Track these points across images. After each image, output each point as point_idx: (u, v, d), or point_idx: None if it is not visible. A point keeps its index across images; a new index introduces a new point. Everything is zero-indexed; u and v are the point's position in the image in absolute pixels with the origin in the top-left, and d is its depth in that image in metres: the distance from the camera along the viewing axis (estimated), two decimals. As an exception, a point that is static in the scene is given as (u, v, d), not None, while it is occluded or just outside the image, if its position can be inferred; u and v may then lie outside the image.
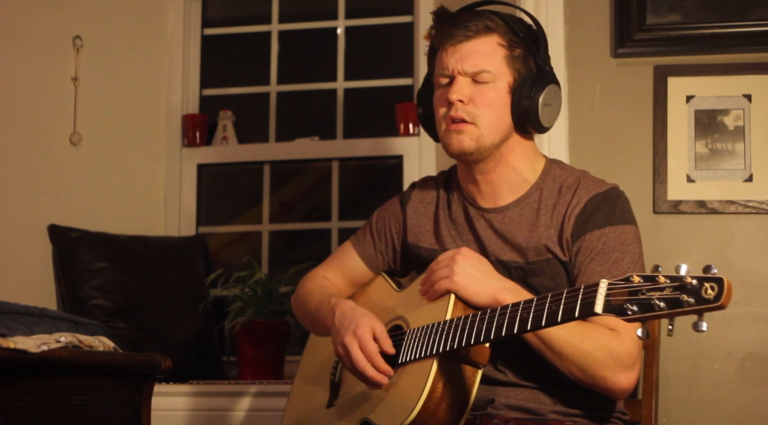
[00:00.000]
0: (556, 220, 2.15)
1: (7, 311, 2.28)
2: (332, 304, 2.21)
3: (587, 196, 2.14)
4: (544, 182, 2.20)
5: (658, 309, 1.63)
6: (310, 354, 2.46)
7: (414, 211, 2.33)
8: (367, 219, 2.44)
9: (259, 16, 3.92)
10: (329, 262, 2.46)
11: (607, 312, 1.69)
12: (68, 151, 3.52)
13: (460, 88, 2.13)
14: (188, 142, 3.81)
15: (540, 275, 2.14)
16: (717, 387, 2.74)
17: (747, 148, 2.80)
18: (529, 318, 1.86)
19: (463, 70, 2.13)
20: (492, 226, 2.20)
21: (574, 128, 2.86)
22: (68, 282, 3.35)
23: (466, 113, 2.13)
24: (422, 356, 2.03)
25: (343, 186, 3.78)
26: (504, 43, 2.14)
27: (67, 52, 3.53)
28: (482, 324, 1.95)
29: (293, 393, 2.44)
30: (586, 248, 2.11)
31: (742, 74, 2.81)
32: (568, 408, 2.13)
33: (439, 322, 2.04)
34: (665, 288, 1.63)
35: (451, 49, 2.14)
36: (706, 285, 1.59)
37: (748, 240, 2.79)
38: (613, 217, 2.14)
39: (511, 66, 2.15)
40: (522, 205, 2.19)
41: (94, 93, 3.58)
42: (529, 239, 2.15)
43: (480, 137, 2.13)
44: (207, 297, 3.50)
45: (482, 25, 2.13)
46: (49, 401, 2.21)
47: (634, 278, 1.67)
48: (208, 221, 3.86)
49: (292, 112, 3.88)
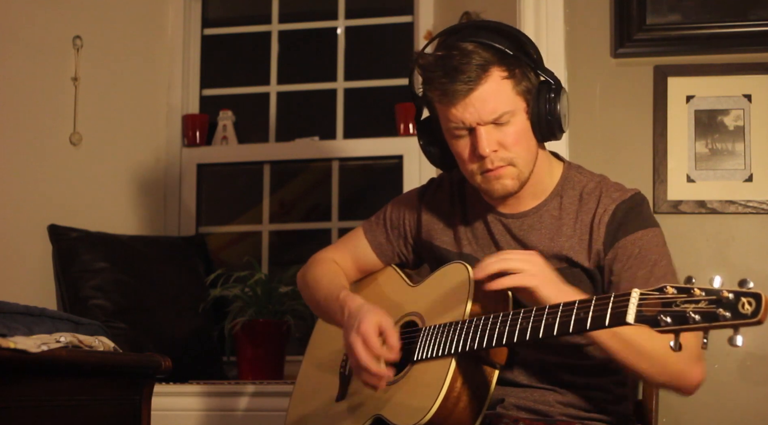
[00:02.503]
0: (581, 230, 2.12)
1: (7, 311, 2.28)
2: (341, 300, 2.19)
3: (614, 203, 2.12)
4: (564, 189, 2.17)
5: (693, 322, 1.61)
6: (318, 343, 2.44)
7: (430, 208, 2.31)
8: (382, 208, 2.40)
9: (259, 16, 3.92)
10: (339, 246, 2.43)
11: (640, 322, 1.68)
12: (68, 151, 3.52)
13: (487, 141, 2.05)
14: (188, 142, 3.81)
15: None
16: (717, 387, 2.74)
17: (747, 148, 2.80)
18: (555, 324, 1.84)
19: (483, 120, 2.05)
20: (510, 232, 2.18)
21: (574, 128, 2.86)
22: (68, 282, 3.35)
23: (501, 160, 2.08)
24: (440, 354, 2.02)
25: (343, 186, 3.79)
26: (505, 73, 2.06)
27: (67, 52, 3.53)
28: (504, 327, 1.93)
29: (300, 384, 2.42)
30: (623, 254, 2.08)
31: (742, 74, 2.81)
32: (578, 411, 2.12)
33: (458, 321, 2.03)
34: (700, 301, 1.62)
35: (461, 105, 2.05)
36: (744, 299, 1.58)
37: (748, 240, 2.79)
38: (643, 221, 2.12)
39: (521, 92, 2.09)
40: (541, 212, 2.17)
41: (94, 93, 3.58)
42: (550, 247, 2.13)
43: (520, 174, 2.10)
44: (207, 297, 3.50)
45: (477, 67, 2.03)
46: (49, 401, 2.21)
47: (668, 289, 1.66)
48: (208, 221, 3.87)
49: (292, 112, 3.89)
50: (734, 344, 1.59)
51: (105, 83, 3.62)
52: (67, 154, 3.52)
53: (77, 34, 3.55)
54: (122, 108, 3.68)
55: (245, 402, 3.19)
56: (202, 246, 3.72)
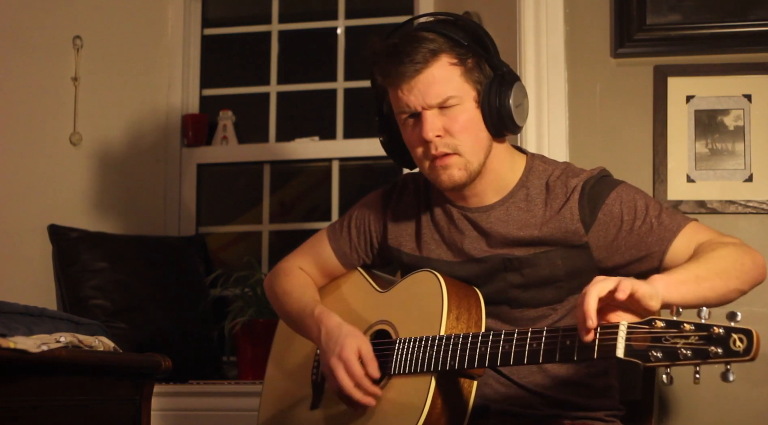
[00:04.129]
0: (552, 214, 2.10)
1: (7, 311, 2.28)
2: (317, 317, 2.17)
3: (581, 181, 2.11)
4: (529, 179, 2.16)
5: (684, 358, 1.62)
6: (284, 344, 2.41)
7: (396, 213, 2.28)
8: (346, 212, 2.39)
9: (259, 16, 3.92)
10: (304, 251, 2.40)
11: (629, 357, 1.67)
12: (68, 151, 3.52)
13: (431, 124, 2.04)
14: (188, 142, 3.81)
15: (535, 266, 2.10)
16: (717, 387, 2.73)
17: (747, 148, 2.80)
18: (540, 351, 1.83)
19: (427, 103, 2.04)
20: (477, 226, 2.16)
21: (574, 128, 2.86)
22: (68, 282, 3.35)
23: (446, 146, 2.06)
24: (418, 370, 2.01)
25: (343, 186, 3.79)
26: (454, 60, 2.05)
27: (67, 52, 3.53)
28: (486, 348, 1.92)
29: (269, 386, 2.39)
30: (609, 218, 2.08)
31: (742, 74, 2.81)
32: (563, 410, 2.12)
33: (435, 336, 2.01)
34: (690, 336, 1.62)
35: (407, 87, 2.04)
36: (734, 336, 1.59)
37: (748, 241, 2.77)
38: (612, 183, 2.13)
39: (470, 80, 2.07)
40: (507, 203, 2.15)
41: (94, 93, 3.58)
42: (520, 236, 2.11)
43: (467, 164, 2.08)
44: (207, 298, 3.50)
45: (426, 51, 2.03)
46: (49, 401, 2.21)
47: (656, 323, 1.65)
48: (208, 221, 3.87)
49: (292, 112, 3.89)
50: (727, 380, 1.60)
51: (105, 83, 3.62)
52: (67, 154, 3.52)
53: (77, 34, 3.55)
54: (122, 108, 3.68)
55: (245, 402, 3.18)
56: (202, 246, 3.71)
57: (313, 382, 2.26)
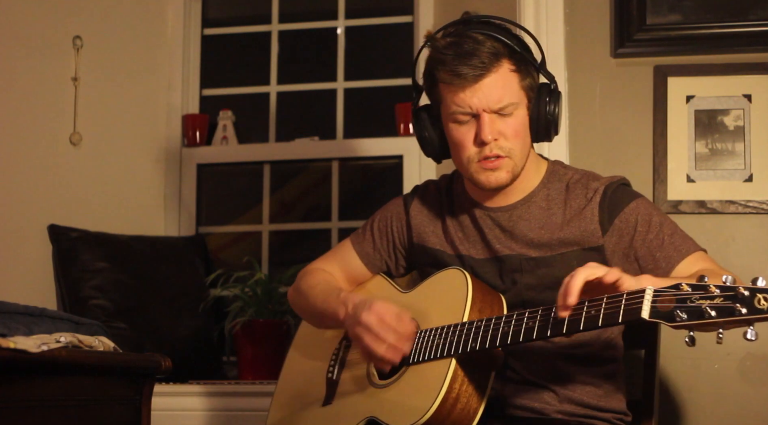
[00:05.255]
0: (572, 214, 2.17)
1: (7, 311, 2.28)
2: (342, 298, 2.22)
3: (602, 185, 2.18)
4: (550, 181, 2.23)
5: (709, 317, 1.66)
6: (303, 349, 2.44)
7: (418, 213, 2.34)
8: (369, 218, 2.43)
9: (259, 16, 3.92)
10: (329, 257, 2.46)
11: (654, 318, 1.71)
12: (68, 151, 3.52)
13: (491, 127, 2.11)
14: (188, 142, 3.81)
15: (552, 266, 2.15)
16: (717, 386, 2.74)
17: (747, 148, 2.80)
18: (564, 322, 1.86)
19: (489, 107, 2.10)
20: (499, 225, 2.22)
21: (574, 128, 2.87)
22: (68, 282, 3.35)
23: (500, 149, 2.13)
24: (437, 356, 2.03)
25: (343, 186, 3.79)
26: (513, 67, 2.12)
27: (67, 52, 3.53)
28: (509, 327, 1.95)
29: (282, 388, 2.41)
30: (624, 224, 2.13)
31: (742, 74, 2.81)
32: (575, 407, 2.14)
33: (457, 324, 2.04)
34: (716, 297, 1.67)
35: (470, 89, 2.10)
36: (759, 295, 1.64)
37: (748, 240, 2.79)
38: (633, 194, 2.20)
39: (524, 88, 2.15)
40: (529, 203, 2.21)
41: (94, 93, 3.58)
42: (540, 235, 2.17)
43: (515, 167, 2.15)
44: (207, 297, 3.50)
45: (489, 54, 2.09)
46: (49, 401, 2.21)
47: (683, 286, 1.70)
48: (208, 221, 3.87)
49: (292, 112, 3.89)
50: (748, 338, 1.64)
51: (105, 83, 3.62)
52: (67, 154, 3.52)
53: (77, 34, 3.55)
54: (122, 108, 3.68)
55: (245, 402, 3.19)
56: (202, 246, 3.72)
57: (327, 380, 2.28)
